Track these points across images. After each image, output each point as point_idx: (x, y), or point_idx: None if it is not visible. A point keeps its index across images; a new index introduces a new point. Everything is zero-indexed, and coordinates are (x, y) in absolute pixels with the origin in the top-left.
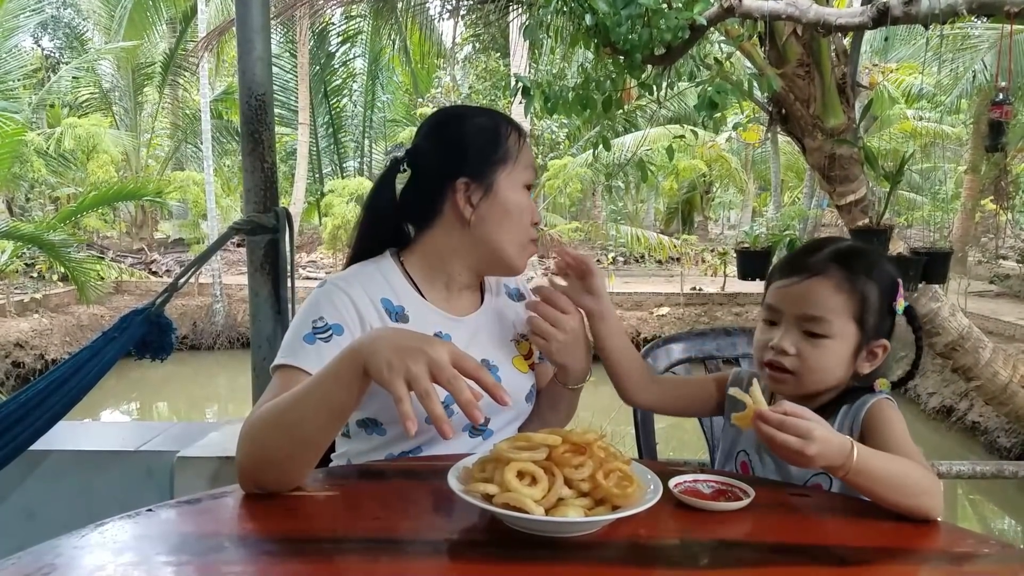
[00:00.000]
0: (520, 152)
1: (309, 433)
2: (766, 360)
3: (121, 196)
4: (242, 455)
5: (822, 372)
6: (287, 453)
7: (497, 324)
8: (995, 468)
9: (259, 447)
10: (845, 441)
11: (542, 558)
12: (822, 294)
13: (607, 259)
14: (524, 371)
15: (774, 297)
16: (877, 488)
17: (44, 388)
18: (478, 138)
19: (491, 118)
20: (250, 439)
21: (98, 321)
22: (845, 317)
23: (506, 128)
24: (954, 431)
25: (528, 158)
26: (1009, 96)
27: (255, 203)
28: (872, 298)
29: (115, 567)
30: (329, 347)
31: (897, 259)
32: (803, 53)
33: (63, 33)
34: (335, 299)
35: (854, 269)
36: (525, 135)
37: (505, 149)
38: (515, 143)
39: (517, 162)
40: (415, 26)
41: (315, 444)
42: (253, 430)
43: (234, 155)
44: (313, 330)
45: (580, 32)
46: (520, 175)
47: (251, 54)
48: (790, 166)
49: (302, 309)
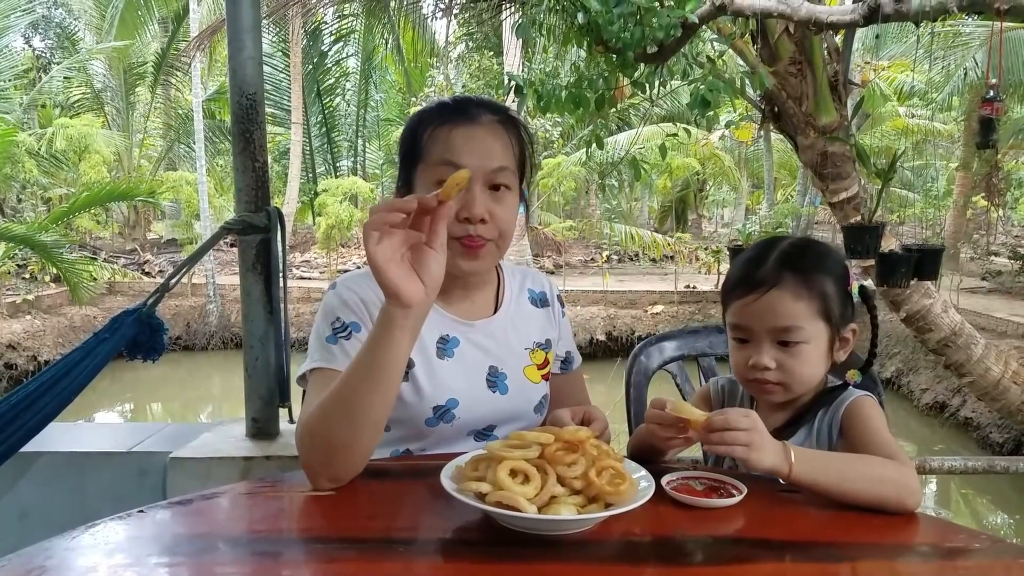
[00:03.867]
0: (434, 146)
1: (365, 403)
2: (750, 379)
3: (113, 196)
4: (307, 453)
5: (806, 376)
6: (351, 433)
7: (512, 331)
8: (987, 463)
9: (322, 439)
10: (779, 444)
11: (535, 556)
12: (785, 304)
13: (601, 257)
14: (535, 381)
15: (738, 316)
16: (832, 491)
17: (35, 389)
18: (402, 140)
19: (417, 117)
20: (310, 434)
21: (91, 322)
22: (813, 318)
23: (422, 127)
24: (947, 427)
25: (443, 151)
26: (1000, 93)
27: (247, 202)
28: (831, 291)
29: (107, 568)
30: (352, 343)
31: (889, 256)
32: (795, 51)
33: (54, 33)
34: (347, 299)
35: (806, 269)
36: (452, 124)
37: (417, 147)
38: (428, 138)
39: (427, 160)
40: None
41: (373, 415)
42: (311, 424)
43: (227, 155)
44: (333, 332)
45: (573, 30)
46: (430, 173)
47: (242, 53)
48: (783, 164)
49: (319, 316)
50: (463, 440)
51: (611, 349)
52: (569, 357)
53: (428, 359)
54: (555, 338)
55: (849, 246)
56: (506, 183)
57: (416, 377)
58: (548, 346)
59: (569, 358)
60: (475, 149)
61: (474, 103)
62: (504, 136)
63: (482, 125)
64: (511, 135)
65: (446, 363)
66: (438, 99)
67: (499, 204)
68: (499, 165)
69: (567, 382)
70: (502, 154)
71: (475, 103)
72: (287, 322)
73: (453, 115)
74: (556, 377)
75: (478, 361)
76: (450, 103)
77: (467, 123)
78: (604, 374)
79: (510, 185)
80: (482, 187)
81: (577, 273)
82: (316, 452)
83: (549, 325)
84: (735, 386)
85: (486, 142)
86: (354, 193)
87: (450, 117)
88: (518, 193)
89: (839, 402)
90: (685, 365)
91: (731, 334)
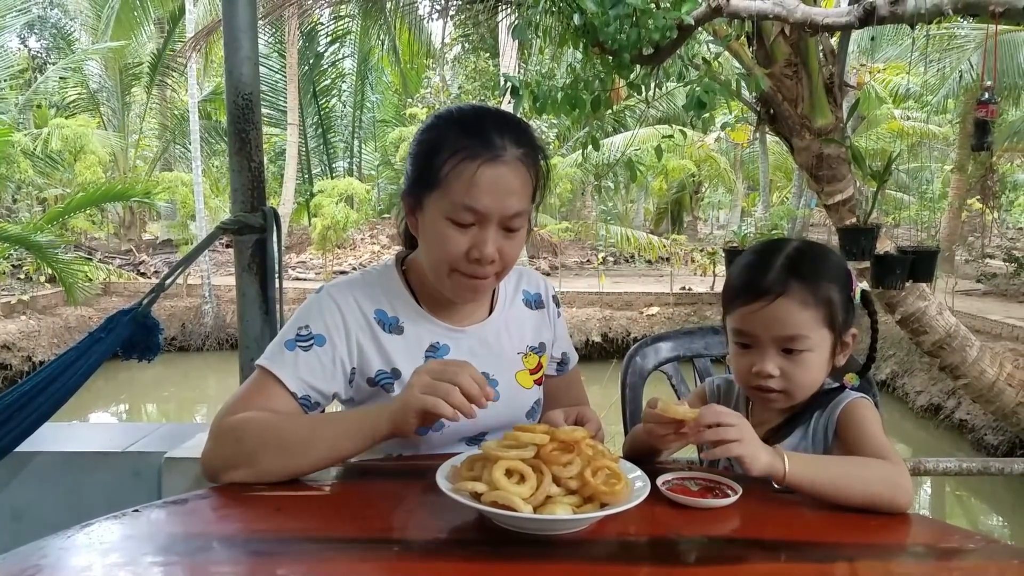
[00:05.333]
0: (456, 183)
1: (305, 462)
2: (753, 385)
3: (109, 197)
4: (218, 454)
5: (809, 383)
6: (274, 467)
7: (504, 336)
8: (981, 465)
9: (244, 454)
10: (772, 448)
11: (531, 556)
12: (791, 313)
13: (597, 259)
14: (527, 386)
15: (743, 323)
16: (826, 492)
17: (30, 389)
18: (417, 155)
19: (435, 136)
20: (235, 439)
21: (86, 323)
22: (819, 327)
23: (443, 152)
24: (942, 429)
25: (465, 194)
26: (995, 95)
27: (242, 203)
28: (836, 298)
29: (102, 567)
30: (307, 356)
31: (885, 258)
32: (791, 53)
33: (50, 33)
34: (325, 309)
35: (812, 277)
36: (480, 162)
37: (434, 174)
38: (451, 171)
39: (446, 193)
40: (404, 26)
41: (304, 470)
42: (240, 430)
43: (223, 155)
44: (296, 336)
45: (569, 32)
46: (445, 206)
47: (238, 53)
48: (779, 166)
49: (296, 312)
50: (455, 445)
51: (607, 350)
52: (565, 358)
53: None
54: (550, 340)
55: (845, 248)
56: (520, 225)
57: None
58: (542, 350)
59: (565, 359)
60: (497, 192)
61: (496, 126)
62: (525, 174)
63: (507, 164)
64: (531, 170)
65: None
66: (454, 110)
67: (509, 241)
68: (517, 211)
69: (565, 383)
70: (521, 197)
71: (497, 127)
72: (283, 323)
73: (477, 147)
74: (553, 378)
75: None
76: (470, 124)
77: (492, 162)
78: (600, 375)
79: (524, 224)
80: (496, 228)
81: (573, 275)
82: (230, 457)
83: (544, 327)
84: (731, 386)
85: (509, 185)
86: (350, 194)
87: (474, 149)
88: (528, 223)
89: (835, 404)
90: (681, 366)
91: (733, 339)
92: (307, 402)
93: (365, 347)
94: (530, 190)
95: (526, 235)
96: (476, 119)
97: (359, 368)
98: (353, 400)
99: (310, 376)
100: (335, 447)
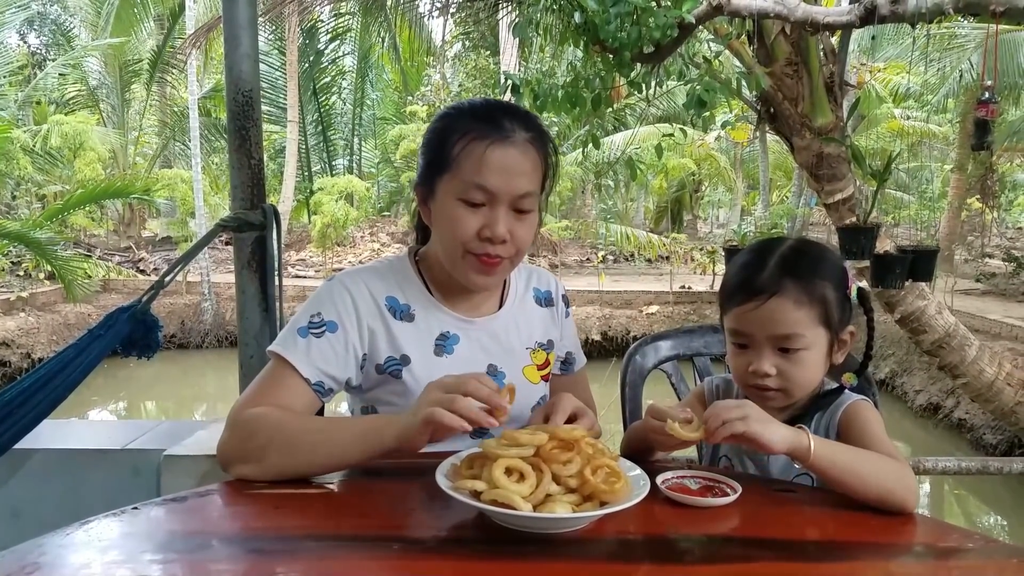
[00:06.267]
0: (467, 162)
1: (313, 465)
2: (750, 384)
3: (108, 194)
4: (232, 446)
5: (806, 381)
6: (283, 466)
7: (513, 330)
8: (980, 464)
9: (256, 448)
10: (791, 428)
11: (530, 554)
12: (786, 312)
13: (597, 257)
14: (535, 382)
15: (738, 322)
16: (846, 478)
17: (29, 386)
18: (429, 142)
19: (446, 121)
20: (249, 433)
21: (85, 320)
22: (814, 326)
23: (453, 134)
24: (940, 428)
25: (475, 172)
26: (995, 95)
27: (242, 200)
28: (831, 296)
29: (100, 565)
30: (319, 343)
31: (884, 257)
32: (791, 52)
33: (49, 30)
34: (336, 296)
35: (807, 276)
36: (489, 142)
37: (445, 156)
38: (461, 151)
39: (457, 173)
40: (404, 23)
41: (313, 471)
42: (255, 425)
43: (223, 152)
44: (308, 324)
45: (569, 30)
46: (456, 186)
47: (238, 50)
48: (779, 165)
49: (308, 300)
50: (460, 438)
51: (606, 349)
52: (570, 358)
53: (425, 357)
54: (557, 338)
55: (844, 247)
56: (531, 207)
57: (412, 375)
58: (551, 347)
59: (570, 359)
60: (507, 171)
61: (506, 113)
62: (535, 156)
63: (516, 145)
64: (540, 154)
65: (444, 360)
66: (466, 103)
67: (521, 224)
68: (526, 191)
69: (570, 383)
70: (531, 177)
71: (507, 113)
72: (282, 320)
73: (487, 128)
74: (557, 378)
75: (477, 359)
76: (480, 109)
77: (501, 142)
78: (599, 374)
79: (533, 207)
80: (507, 208)
81: (573, 273)
82: (240, 451)
83: (552, 325)
84: (730, 385)
85: (519, 166)
86: (350, 192)
87: (484, 130)
88: (538, 210)
89: (836, 406)
90: (680, 365)
91: (730, 339)
92: (321, 388)
93: (376, 333)
94: (539, 175)
95: (538, 222)
96: (487, 107)
97: (369, 354)
98: (361, 388)
99: (323, 363)
100: (340, 455)
